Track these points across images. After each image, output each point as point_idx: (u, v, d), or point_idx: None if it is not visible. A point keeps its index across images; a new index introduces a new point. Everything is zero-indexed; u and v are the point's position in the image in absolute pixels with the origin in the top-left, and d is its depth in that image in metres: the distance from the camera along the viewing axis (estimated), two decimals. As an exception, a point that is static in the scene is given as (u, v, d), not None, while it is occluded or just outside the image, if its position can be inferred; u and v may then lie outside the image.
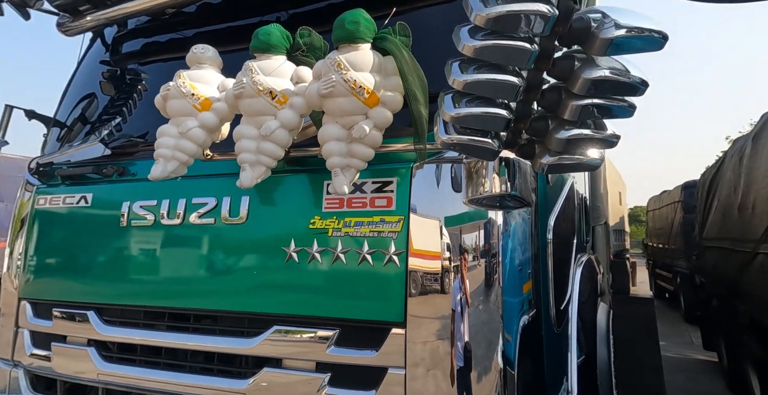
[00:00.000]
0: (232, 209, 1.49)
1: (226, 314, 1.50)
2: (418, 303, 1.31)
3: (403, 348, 1.29)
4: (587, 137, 1.08)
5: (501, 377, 1.28)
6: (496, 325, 1.30)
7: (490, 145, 1.06)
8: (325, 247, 1.38)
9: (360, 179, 1.41)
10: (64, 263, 1.76)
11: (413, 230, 1.33)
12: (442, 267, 1.31)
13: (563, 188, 1.77)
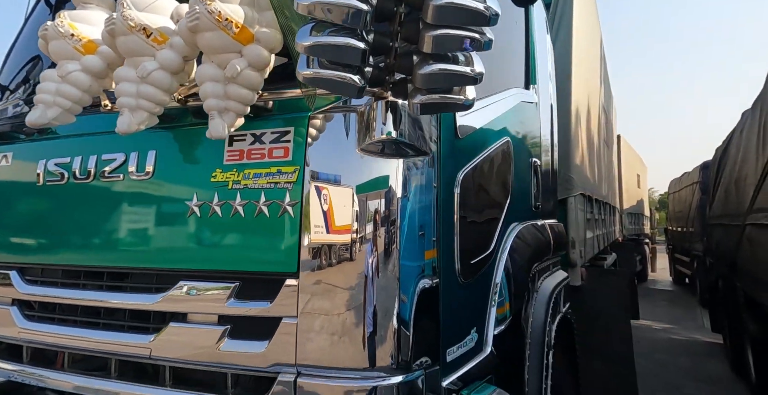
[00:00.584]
0: (139, 164, 1.46)
1: (136, 271, 1.49)
2: (311, 254, 1.27)
3: (296, 299, 1.26)
4: (449, 72, 1.01)
5: (390, 326, 1.25)
6: (389, 275, 1.26)
7: (351, 80, 1.00)
8: (225, 200, 1.35)
9: (259, 129, 1.37)
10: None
11: (308, 180, 1.29)
12: (336, 218, 1.27)
13: (487, 145, 1.69)
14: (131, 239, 1.48)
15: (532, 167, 2.22)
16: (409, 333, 1.27)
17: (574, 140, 3.16)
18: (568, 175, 3.08)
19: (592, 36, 4.36)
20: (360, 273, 1.26)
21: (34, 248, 1.66)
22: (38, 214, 1.65)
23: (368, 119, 1.25)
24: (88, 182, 1.54)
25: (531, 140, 2.27)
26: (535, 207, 2.23)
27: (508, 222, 1.88)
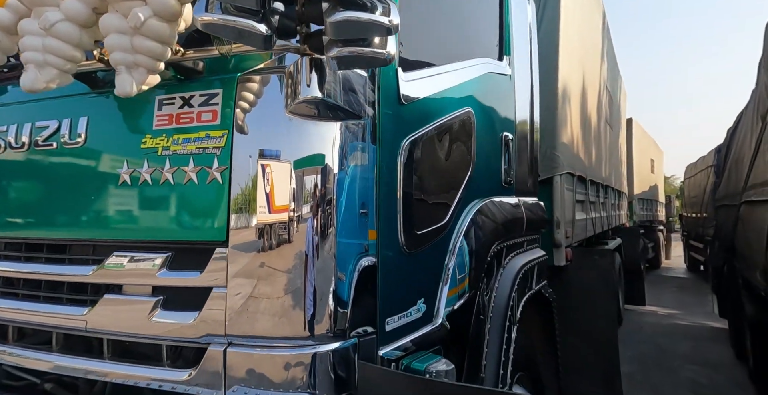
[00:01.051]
0: (71, 131, 1.43)
1: (74, 242, 1.46)
2: (240, 222, 1.22)
3: (225, 268, 1.22)
4: (360, 20, 0.93)
5: (322, 294, 1.21)
6: (323, 241, 1.21)
7: (254, 28, 0.93)
8: (155, 168, 1.30)
9: (188, 92, 1.31)
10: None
11: (237, 144, 1.24)
12: (266, 184, 1.22)
13: (441, 113, 1.61)
14: (66, 210, 1.45)
15: (503, 141, 2.13)
16: (341, 301, 1.22)
17: (561, 117, 3.04)
18: (553, 153, 2.97)
19: (589, 12, 4.18)
20: (292, 241, 1.21)
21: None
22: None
23: (295, 78, 1.19)
24: (23, 152, 1.50)
25: (502, 112, 2.17)
26: (506, 183, 2.15)
27: (469, 196, 1.81)
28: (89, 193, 1.41)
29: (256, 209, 1.22)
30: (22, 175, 1.54)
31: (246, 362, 1.20)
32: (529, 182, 2.51)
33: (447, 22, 1.87)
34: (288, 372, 1.19)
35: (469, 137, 1.82)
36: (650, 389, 4.40)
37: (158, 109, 1.33)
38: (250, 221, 1.22)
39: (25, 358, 1.46)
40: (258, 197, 1.21)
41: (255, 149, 1.23)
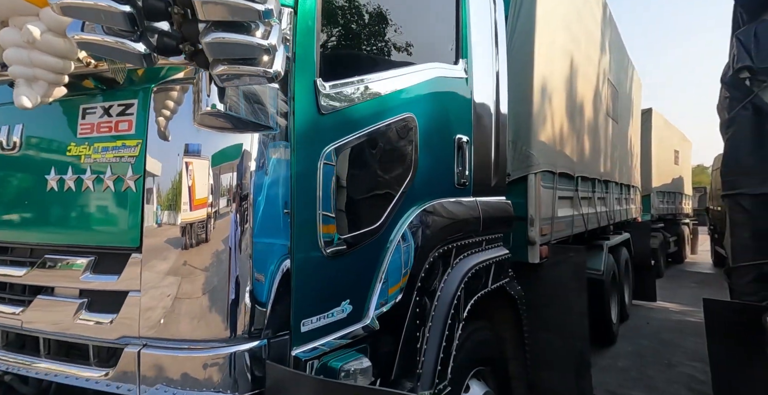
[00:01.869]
0: (6, 139, 1.50)
1: (11, 245, 1.53)
2: (154, 229, 1.27)
3: (139, 273, 1.28)
4: (235, 42, 0.95)
5: (230, 298, 1.25)
6: (232, 247, 1.25)
7: (130, 48, 0.96)
8: (78, 175, 1.36)
9: (107, 101, 1.36)
10: None
11: (150, 153, 1.28)
12: (178, 192, 1.26)
13: (371, 121, 1.61)
14: (4, 214, 1.53)
15: (456, 143, 2.12)
16: (252, 303, 1.26)
17: (537, 116, 2.99)
18: (528, 151, 2.93)
19: (581, 5, 4.05)
20: (202, 246, 1.26)
21: None
22: None
23: (199, 91, 1.22)
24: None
25: (455, 115, 2.15)
26: (459, 184, 2.14)
27: (411, 199, 1.81)
28: (23, 198, 1.49)
29: (166, 217, 1.26)
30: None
31: (159, 362, 1.26)
32: (493, 181, 2.49)
33: (392, 30, 1.87)
34: (198, 372, 1.24)
35: (410, 141, 1.81)
36: (644, 384, 4.34)
37: (82, 117, 1.39)
38: (161, 228, 1.27)
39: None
40: (168, 207, 1.26)
41: (166, 159, 1.27)
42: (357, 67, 1.67)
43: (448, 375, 1.85)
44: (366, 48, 1.80)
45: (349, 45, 1.73)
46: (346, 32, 1.71)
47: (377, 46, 1.84)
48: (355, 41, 1.76)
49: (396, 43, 1.91)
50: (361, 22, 1.77)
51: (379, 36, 1.84)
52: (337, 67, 1.54)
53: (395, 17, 1.89)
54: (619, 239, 6.09)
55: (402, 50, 1.92)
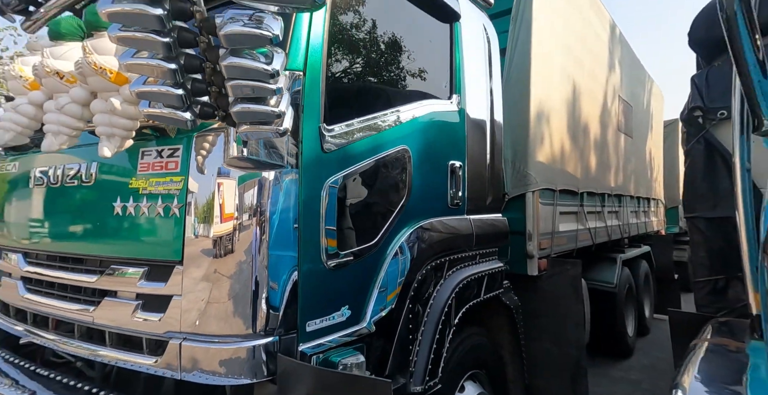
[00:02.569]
0: (85, 173, 1.91)
1: (88, 257, 1.94)
2: (191, 247, 1.63)
3: (180, 281, 1.64)
4: (254, 111, 1.30)
5: (251, 302, 1.58)
6: (252, 262, 1.58)
7: (181, 117, 1.33)
8: (137, 203, 1.75)
9: (160, 146, 1.75)
10: (6, 215, 2.35)
11: (190, 187, 1.65)
12: (210, 217, 1.61)
13: (366, 156, 1.93)
14: (82, 232, 1.94)
15: (449, 169, 2.41)
16: (268, 307, 1.60)
17: (534, 138, 3.23)
18: (525, 171, 3.17)
19: (583, 27, 4.28)
20: (228, 258, 1.60)
21: (29, 236, 2.19)
22: (32, 209, 2.17)
23: (228, 139, 1.58)
24: (57, 186, 2.02)
25: (448, 144, 2.45)
26: (453, 205, 2.43)
27: (405, 219, 2.12)
28: (95, 219, 1.89)
29: (201, 237, 1.62)
30: (55, 204, 2.06)
31: (196, 353, 1.61)
32: (488, 200, 2.76)
33: (389, 73, 2.20)
34: (225, 361, 1.58)
35: (404, 170, 2.13)
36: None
37: (141, 158, 1.77)
38: (197, 245, 1.63)
39: (60, 343, 1.97)
40: (203, 229, 1.62)
41: (202, 190, 1.64)
42: (357, 108, 2.00)
43: (439, 374, 2.12)
44: (366, 91, 2.14)
45: (351, 90, 2.07)
46: (349, 81, 2.06)
47: (376, 89, 2.18)
48: (356, 87, 2.10)
49: (393, 84, 2.24)
50: (362, 70, 2.11)
51: (378, 79, 2.17)
52: (340, 111, 1.87)
53: (392, 60, 2.23)
54: (637, 252, 6.14)
55: (399, 90, 2.25)
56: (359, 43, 2.11)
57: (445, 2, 2.48)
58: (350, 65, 2.03)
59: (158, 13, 1.11)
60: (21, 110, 1.73)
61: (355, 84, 2.09)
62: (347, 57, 2.04)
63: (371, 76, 2.14)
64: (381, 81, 2.19)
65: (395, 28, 2.26)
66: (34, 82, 1.75)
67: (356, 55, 2.09)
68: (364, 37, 2.14)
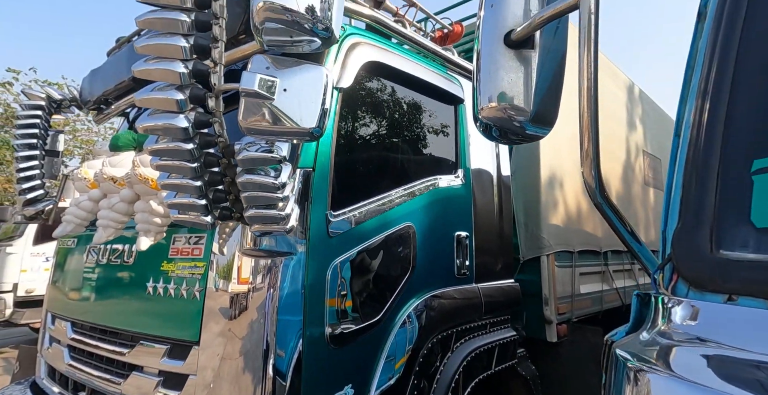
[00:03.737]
0: (127, 254, 2.20)
1: (122, 331, 2.18)
2: (206, 329, 1.82)
3: (196, 360, 1.82)
4: (264, 216, 1.52)
5: (258, 382, 1.72)
6: (259, 344, 1.74)
7: (204, 221, 1.57)
8: (166, 284, 1.99)
9: (189, 233, 2.00)
10: (60, 287, 2.67)
11: (210, 273, 1.87)
12: (227, 304, 1.81)
13: (370, 236, 2.09)
14: (120, 307, 2.19)
15: (456, 239, 2.54)
16: (272, 387, 1.73)
17: (546, 201, 3.31)
18: (538, 234, 3.23)
19: (600, 94, 4.42)
20: (238, 346, 1.76)
21: (77, 306, 2.47)
22: (81, 281, 2.47)
23: (243, 232, 1.81)
24: (104, 263, 2.32)
25: (454, 216, 2.58)
26: (460, 274, 2.52)
27: (410, 292, 2.23)
28: (131, 296, 2.14)
29: (216, 321, 1.81)
30: (100, 279, 2.34)
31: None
32: (498, 266, 2.83)
33: (395, 155, 2.42)
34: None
35: (408, 246, 2.27)
36: None
37: (172, 243, 2.03)
38: (213, 328, 1.81)
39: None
40: (218, 314, 1.81)
41: (221, 276, 1.85)
42: (363, 191, 2.19)
43: None
44: (372, 174, 2.34)
45: (358, 176, 2.28)
46: (356, 168, 2.28)
47: (382, 171, 2.38)
48: (362, 171, 2.32)
49: (399, 165, 2.44)
50: (368, 156, 2.33)
51: (384, 162, 2.38)
52: (346, 196, 2.08)
53: (398, 143, 2.44)
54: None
55: (404, 170, 2.45)
56: (367, 132, 2.36)
57: (449, 91, 2.72)
58: (358, 154, 2.26)
59: (189, 147, 1.38)
60: (82, 206, 2.07)
61: (361, 169, 2.31)
62: (355, 147, 2.28)
63: (377, 160, 2.36)
64: (387, 163, 2.40)
65: (402, 114, 2.51)
66: (93, 183, 2.10)
67: (363, 143, 2.33)
68: (372, 125, 2.39)
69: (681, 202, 0.84)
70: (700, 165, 0.80)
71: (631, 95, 5.24)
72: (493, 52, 0.97)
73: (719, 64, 0.79)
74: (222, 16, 1.34)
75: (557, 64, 1.07)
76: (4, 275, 7.50)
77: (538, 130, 1.07)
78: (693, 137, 0.82)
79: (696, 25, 0.88)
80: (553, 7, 0.94)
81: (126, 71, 2.42)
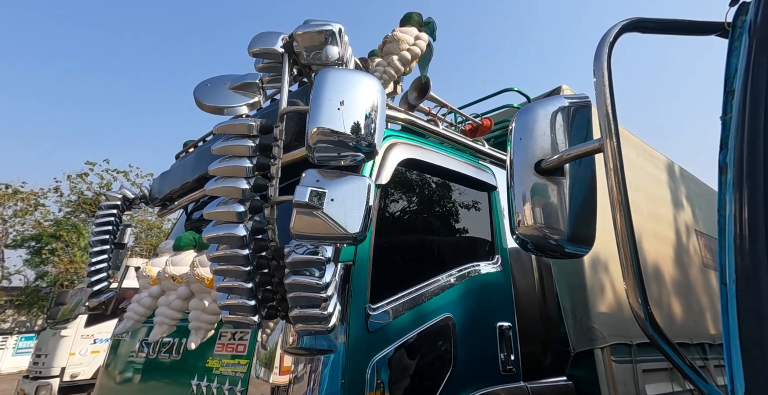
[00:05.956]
0: (176, 349, 2.27)
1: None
2: None
3: None
4: (307, 315, 1.59)
5: None
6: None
7: (251, 320, 1.65)
8: (209, 383, 2.02)
9: (234, 329, 2.07)
10: (110, 378, 2.73)
11: (252, 371, 1.89)
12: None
13: (410, 329, 2.08)
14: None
15: (498, 331, 2.45)
16: None
17: (592, 287, 3.18)
18: (589, 324, 3.05)
19: (632, 178, 4.43)
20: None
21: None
22: (130, 374, 2.54)
23: (286, 331, 1.87)
24: (153, 358, 2.39)
25: (494, 305, 2.52)
26: (505, 370, 2.39)
27: (452, 392, 2.12)
28: (177, 391, 2.17)
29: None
30: (148, 372, 2.41)
31: None
32: (547, 361, 2.66)
33: (431, 245, 2.47)
34: None
35: (448, 339, 2.21)
36: None
37: (218, 339, 2.10)
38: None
39: None
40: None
41: (266, 374, 1.86)
42: (401, 282, 2.22)
43: None
44: (409, 265, 2.39)
45: (396, 267, 2.33)
46: (394, 260, 2.34)
47: (420, 261, 2.42)
48: (400, 263, 2.37)
49: (436, 254, 2.48)
50: (406, 247, 2.40)
51: (422, 252, 2.43)
52: (385, 288, 2.11)
53: (435, 232, 2.50)
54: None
55: (441, 259, 2.48)
56: (404, 223, 2.46)
57: (481, 179, 2.84)
58: (395, 245, 2.34)
59: (245, 253, 1.52)
60: (142, 303, 2.22)
61: (399, 260, 2.37)
62: (393, 239, 2.36)
63: (414, 251, 2.42)
64: (424, 253, 2.45)
65: (437, 205, 2.61)
66: (155, 280, 2.27)
67: (401, 234, 2.42)
68: (409, 217, 2.50)
69: (743, 361, 0.75)
70: (756, 318, 0.74)
71: (671, 174, 5.18)
72: (525, 177, 1.06)
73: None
74: (281, 139, 1.55)
75: (588, 188, 1.14)
76: (55, 359, 7.62)
77: (577, 249, 1.11)
78: None
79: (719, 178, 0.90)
80: (579, 148, 1.04)
81: (190, 173, 2.72)
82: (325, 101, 1.42)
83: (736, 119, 0.83)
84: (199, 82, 1.65)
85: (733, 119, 0.84)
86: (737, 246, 0.80)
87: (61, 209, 19.21)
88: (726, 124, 0.87)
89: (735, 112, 0.84)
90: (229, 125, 1.51)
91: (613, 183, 0.99)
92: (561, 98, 1.12)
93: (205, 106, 1.62)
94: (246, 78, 1.69)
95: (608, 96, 1.00)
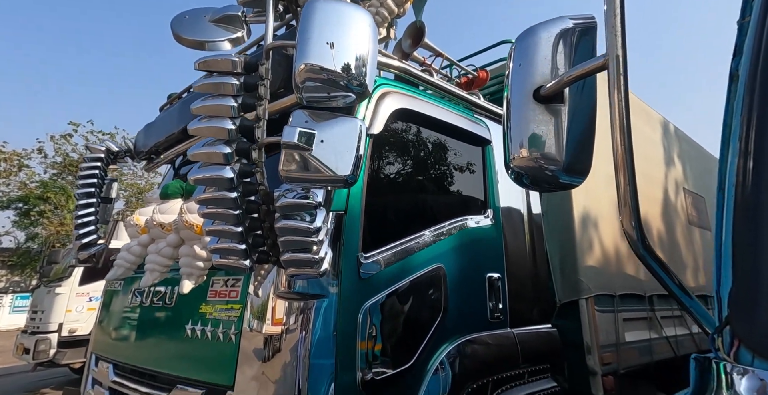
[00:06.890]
0: (169, 296, 2.29)
1: (160, 374, 2.22)
2: (241, 373, 1.84)
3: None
4: (299, 259, 1.58)
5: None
6: (297, 391, 1.75)
7: (242, 265, 1.64)
8: (203, 327, 2.05)
9: (227, 276, 2.08)
10: (105, 328, 2.77)
11: (246, 315, 1.92)
12: (261, 347, 1.84)
13: (402, 277, 2.10)
14: (159, 349, 2.26)
15: (487, 281, 2.50)
16: None
17: (581, 242, 3.23)
18: (576, 278, 3.12)
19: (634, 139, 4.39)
20: (271, 391, 1.76)
21: (118, 348, 2.56)
22: (124, 323, 2.57)
23: (279, 275, 1.87)
24: (147, 306, 2.41)
25: (485, 257, 2.56)
26: (493, 318, 2.46)
27: (442, 337, 2.19)
28: (170, 338, 2.21)
29: (249, 365, 1.83)
30: (142, 321, 2.44)
31: None
32: (534, 311, 2.75)
33: (424, 197, 2.47)
34: None
35: (439, 287, 2.26)
36: None
37: (211, 286, 2.11)
38: (246, 373, 1.83)
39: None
40: (252, 357, 1.84)
41: (256, 318, 1.89)
42: (393, 232, 2.23)
43: None
44: (401, 215, 2.39)
45: (388, 217, 2.33)
46: (386, 209, 2.33)
47: (412, 212, 2.42)
48: (392, 213, 2.37)
49: (428, 206, 2.47)
50: (398, 197, 2.39)
51: (414, 203, 2.43)
52: (376, 237, 2.11)
53: (427, 184, 2.49)
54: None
55: (433, 211, 2.48)
56: (397, 175, 2.44)
57: (475, 133, 2.79)
58: (388, 196, 2.33)
59: (234, 196, 1.48)
60: (132, 251, 2.20)
61: (391, 211, 2.36)
62: (385, 190, 2.35)
63: (407, 202, 2.41)
64: (416, 205, 2.44)
65: (430, 157, 2.58)
66: (144, 228, 2.25)
67: (393, 185, 2.40)
68: (402, 168, 2.47)
69: (733, 260, 0.76)
70: (751, 220, 0.73)
71: (666, 133, 5.16)
72: (522, 106, 1.02)
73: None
74: (267, 78, 1.47)
75: (588, 116, 1.11)
76: (52, 316, 7.80)
77: (572, 179, 1.09)
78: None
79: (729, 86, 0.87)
80: (582, 67, 0.99)
81: (175, 125, 2.64)
82: (314, 36, 1.34)
83: (756, 21, 0.78)
84: (176, 14, 1.55)
85: (752, 23, 0.79)
86: (741, 150, 0.78)
87: (46, 170, 18.85)
88: (743, 28, 0.82)
89: (755, 14, 0.79)
90: (212, 61, 1.43)
91: (616, 102, 0.96)
92: (565, 19, 1.05)
93: (184, 40, 1.53)
94: (227, 10, 1.59)
95: (617, 5, 0.93)
